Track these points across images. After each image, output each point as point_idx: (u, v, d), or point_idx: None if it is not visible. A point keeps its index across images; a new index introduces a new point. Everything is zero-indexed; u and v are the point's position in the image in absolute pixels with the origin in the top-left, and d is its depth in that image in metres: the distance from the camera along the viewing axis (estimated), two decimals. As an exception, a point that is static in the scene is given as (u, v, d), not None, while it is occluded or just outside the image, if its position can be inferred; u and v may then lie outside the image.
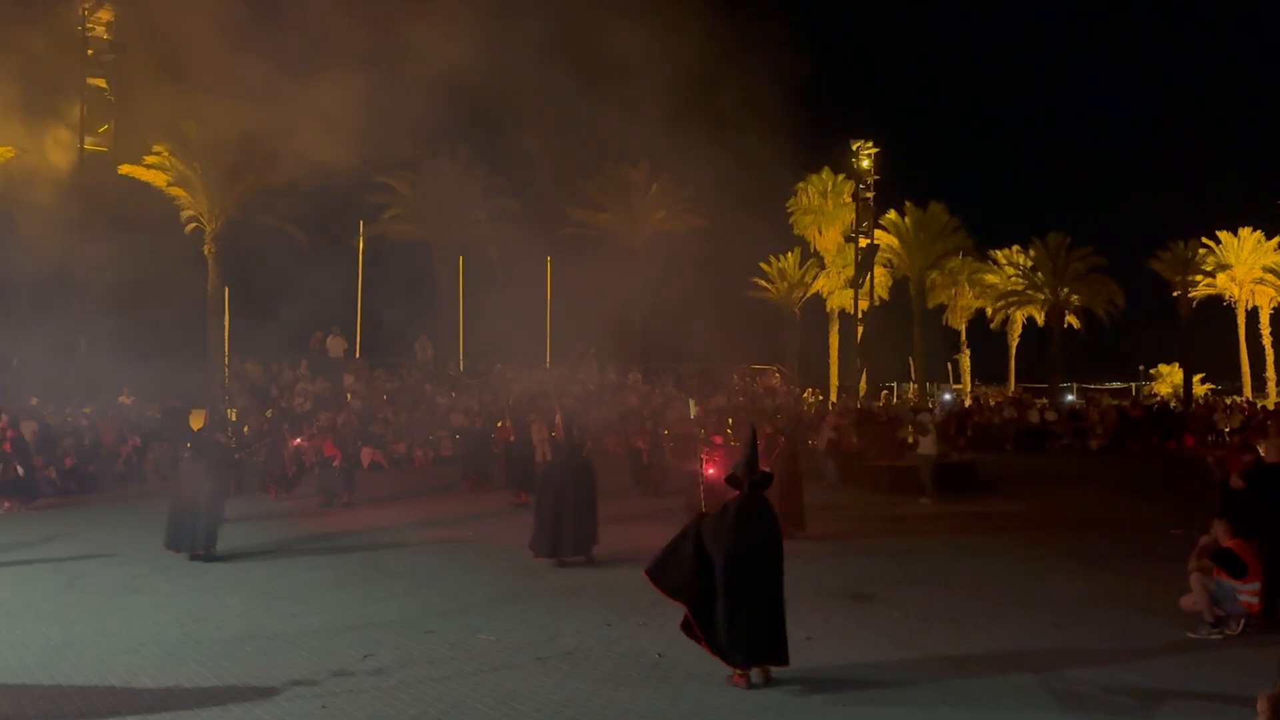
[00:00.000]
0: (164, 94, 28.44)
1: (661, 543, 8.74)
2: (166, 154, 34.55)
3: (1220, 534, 10.09)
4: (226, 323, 32.47)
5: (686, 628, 8.35)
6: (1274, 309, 52.80)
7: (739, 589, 8.12)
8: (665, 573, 8.48)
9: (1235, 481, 15.13)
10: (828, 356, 51.64)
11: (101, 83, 30.23)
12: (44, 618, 10.41)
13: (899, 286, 51.38)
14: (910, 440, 23.92)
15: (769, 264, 52.38)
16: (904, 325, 49.63)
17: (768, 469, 9.03)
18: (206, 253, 35.48)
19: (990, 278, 53.85)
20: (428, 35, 25.99)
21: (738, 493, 8.50)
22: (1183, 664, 8.93)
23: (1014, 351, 56.46)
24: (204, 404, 20.64)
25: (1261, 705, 5.40)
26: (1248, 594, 9.76)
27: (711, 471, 11.94)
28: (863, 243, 38.26)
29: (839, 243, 49.34)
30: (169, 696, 7.90)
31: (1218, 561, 9.90)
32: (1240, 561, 9.78)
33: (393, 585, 12.17)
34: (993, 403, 42.04)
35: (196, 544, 13.59)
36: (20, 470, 18.91)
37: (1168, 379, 58.85)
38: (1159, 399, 49.01)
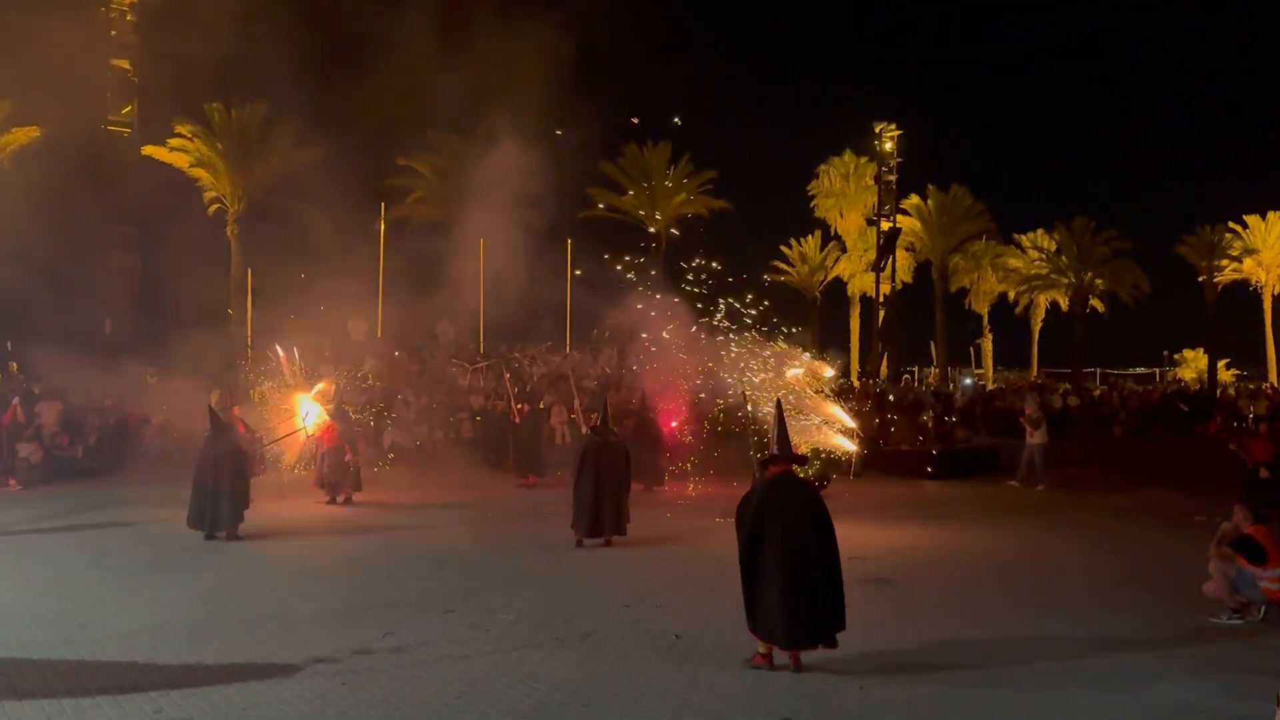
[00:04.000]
0: (188, 75, 28.57)
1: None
2: (190, 135, 34.74)
3: (1241, 520, 10.01)
4: (249, 304, 32.63)
5: None
6: (1300, 295, 52.26)
7: (758, 567, 8.09)
8: None
9: (1264, 473, 15.11)
10: (848, 340, 51.47)
11: (125, 64, 30.39)
12: (68, 595, 10.53)
13: (921, 270, 51.14)
14: (921, 429, 23.92)
15: (790, 247, 52.23)
16: (926, 309, 49.49)
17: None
18: (230, 234, 35.68)
19: (1014, 261, 53.43)
20: (451, 19, 26.02)
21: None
22: (1204, 650, 8.87)
23: (1037, 336, 56.14)
24: (225, 385, 20.52)
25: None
26: (1268, 580, 9.68)
27: None
28: (884, 226, 37.92)
29: (860, 226, 49.08)
30: (191, 673, 7.97)
31: (1237, 548, 9.83)
32: (1260, 548, 9.70)
33: (413, 565, 12.25)
34: (1015, 388, 41.81)
35: (219, 525, 13.67)
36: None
37: (1193, 365, 58.32)
38: (1183, 384, 48.60)
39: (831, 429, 17.18)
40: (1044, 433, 20.60)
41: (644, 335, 19.53)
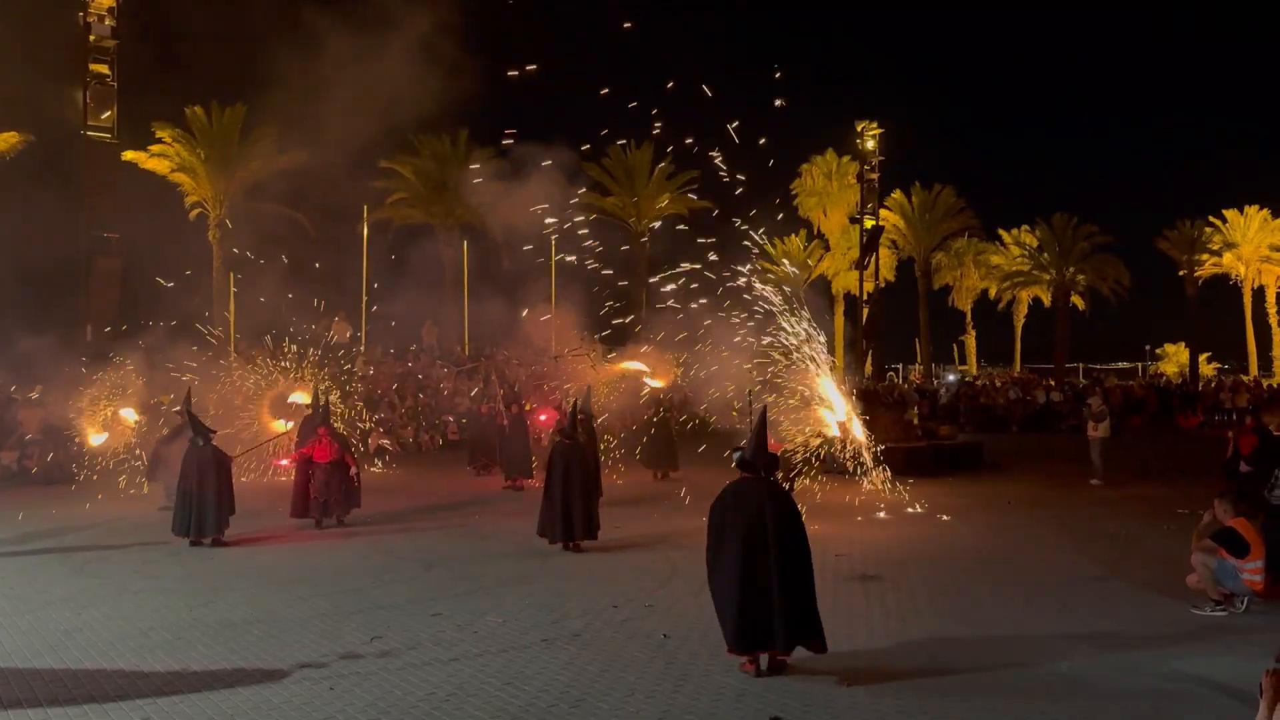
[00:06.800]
0: (168, 80, 28.42)
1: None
2: (170, 140, 34.59)
3: (1222, 513, 10.08)
4: (232, 308, 32.50)
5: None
6: (1280, 287, 52.69)
7: (729, 573, 7.98)
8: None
9: (1244, 466, 15.25)
10: (833, 339, 51.60)
11: (104, 69, 30.24)
12: (54, 603, 10.49)
13: (904, 268, 51.38)
14: (905, 426, 24.00)
15: (774, 246, 52.34)
16: (910, 306, 49.74)
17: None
18: (211, 238, 35.55)
19: (996, 258, 53.75)
20: (430, 17, 25.97)
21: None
22: (1187, 642, 8.92)
23: (1019, 332, 56.41)
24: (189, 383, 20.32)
25: (1266, 682, 5.40)
26: (1250, 572, 9.75)
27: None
28: (868, 224, 38.07)
29: (844, 224, 49.25)
30: (178, 679, 7.95)
31: (1219, 540, 9.89)
32: (1242, 540, 9.76)
33: (400, 568, 12.23)
34: (998, 384, 42.02)
35: (204, 530, 13.62)
36: None
37: (1174, 359, 58.70)
38: (1164, 378, 48.95)
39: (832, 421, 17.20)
40: (1107, 427, 20.55)
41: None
